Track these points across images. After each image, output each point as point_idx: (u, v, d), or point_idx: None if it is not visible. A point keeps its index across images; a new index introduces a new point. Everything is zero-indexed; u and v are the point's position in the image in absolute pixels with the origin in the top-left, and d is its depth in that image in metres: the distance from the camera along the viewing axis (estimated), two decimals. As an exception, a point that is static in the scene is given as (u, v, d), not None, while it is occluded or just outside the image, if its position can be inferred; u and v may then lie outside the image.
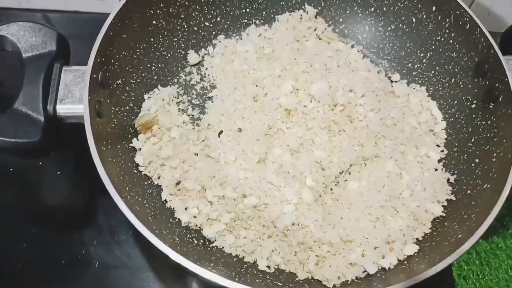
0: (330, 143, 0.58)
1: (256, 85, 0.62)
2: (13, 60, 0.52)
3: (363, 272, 0.51)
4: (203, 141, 0.60)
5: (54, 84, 0.51)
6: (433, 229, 0.54)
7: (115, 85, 0.56)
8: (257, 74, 0.63)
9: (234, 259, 0.52)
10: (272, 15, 0.70)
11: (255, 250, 0.53)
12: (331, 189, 0.57)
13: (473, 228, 0.46)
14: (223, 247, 0.53)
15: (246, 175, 0.56)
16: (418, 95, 0.65)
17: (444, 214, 0.55)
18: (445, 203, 0.56)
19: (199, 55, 0.68)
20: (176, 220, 0.54)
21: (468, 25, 0.58)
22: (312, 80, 0.60)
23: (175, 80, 0.66)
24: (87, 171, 0.58)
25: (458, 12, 0.59)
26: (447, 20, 0.61)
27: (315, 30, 0.69)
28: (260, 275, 0.51)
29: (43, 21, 0.77)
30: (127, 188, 0.50)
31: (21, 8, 0.78)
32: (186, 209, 0.55)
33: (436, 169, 0.59)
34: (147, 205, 0.52)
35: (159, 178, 0.57)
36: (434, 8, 0.62)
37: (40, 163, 0.64)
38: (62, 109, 0.50)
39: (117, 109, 0.56)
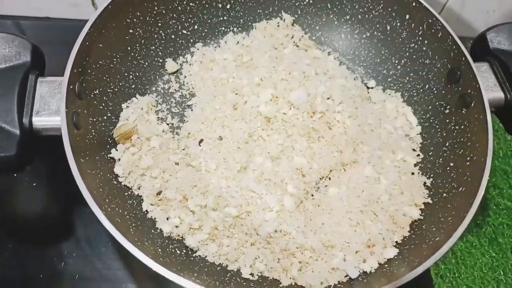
0: (309, 149, 0.58)
1: (236, 93, 0.62)
2: (-14, 72, 0.50)
3: (345, 276, 0.52)
4: (183, 149, 0.60)
5: (29, 96, 0.50)
6: (412, 232, 0.55)
7: (92, 95, 0.55)
8: (236, 82, 0.63)
9: (218, 268, 0.52)
10: (249, 23, 0.71)
11: (238, 258, 0.53)
12: (312, 195, 0.58)
13: (450, 231, 0.47)
14: (206, 256, 0.53)
15: (228, 184, 0.56)
16: (394, 101, 0.66)
17: (422, 217, 0.56)
18: (422, 206, 0.57)
19: (177, 63, 0.68)
20: (158, 230, 0.54)
21: (441, 33, 0.60)
22: (291, 88, 0.60)
23: (154, 88, 0.65)
24: (64, 182, 0.57)
25: (430, 20, 0.61)
26: (420, 28, 0.63)
27: (292, 37, 0.70)
28: (244, 283, 0.51)
29: (14, 28, 0.76)
30: (107, 200, 0.50)
31: (-9, 14, 0.76)
32: (167, 219, 0.55)
33: (412, 173, 0.61)
34: (127, 216, 0.52)
35: (139, 189, 0.56)
36: (407, 16, 0.64)
37: (15, 174, 0.62)
38: (38, 121, 0.49)
39: (94, 119, 0.55)
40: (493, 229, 0.67)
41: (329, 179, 0.59)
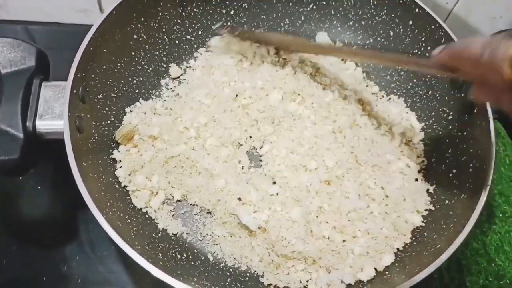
0: (323, 153, 0.59)
1: (236, 95, 0.62)
2: (-9, 76, 0.51)
3: (341, 282, 0.52)
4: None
5: (33, 100, 0.50)
6: (413, 239, 0.55)
7: (95, 100, 0.56)
8: (238, 85, 0.63)
9: (219, 272, 0.53)
10: (253, 29, 0.71)
11: (240, 262, 0.53)
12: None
13: (451, 238, 0.47)
14: (207, 259, 0.54)
15: (236, 188, 0.56)
16: (398, 107, 0.66)
17: (423, 224, 0.56)
18: (425, 213, 0.57)
19: (180, 68, 0.68)
20: (159, 235, 0.54)
21: (444, 39, 0.60)
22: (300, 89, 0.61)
23: (157, 93, 0.66)
24: (68, 185, 0.57)
25: (433, 26, 0.61)
26: (423, 34, 0.63)
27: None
28: (243, 288, 0.51)
29: (23, 33, 0.77)
30: (109, 204, 0.50)
31: (0, 19, 0.77)
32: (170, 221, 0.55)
33: (416, 179, 0.60)
34: (128, 220, 0.52)
35: (139, 191, 0.56)
36: (410, 22, 0.64)
37: (20, 178, 0.63)
38: (42, 125, 0.50)
39: (97, 123, 0.56)
40: (499, 237, 0.66)
41: (329, 184, 0.58)
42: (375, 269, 0.53)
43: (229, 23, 0.69)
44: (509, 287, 0.62)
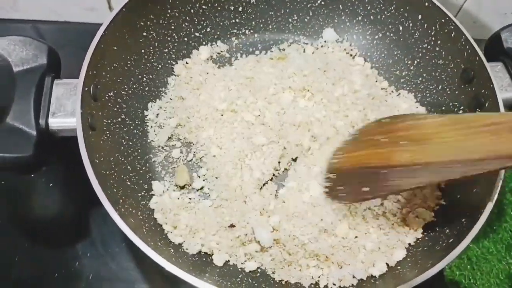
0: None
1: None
2: (4, 74, 0.51)
3: (353, 277, 0.52)
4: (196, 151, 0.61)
5: (45, 97, 0.51)
6: (424, 234, 0.55)
7: (106, 97, 0.56)
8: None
9: (231, 269, 0.53)
10: (261, 25, 0.71)
11: (250, 259, 0.54)
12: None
13: (463, 233, 0.47)
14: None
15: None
16: (408, 102, 0.66)
17: (434, 220, 0.55)
18: (436, 208, 0.56)
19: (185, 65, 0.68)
20: (171, 231, 0.55)
21: (454, 33, 0.59)
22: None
23: (166, 90, 0.66)
24: (80, 183, 0.58)
25: (443, 20, 0.60)
26: (433, 28, 0.62)
27: (301, 40, 0.71)
28: (256, 284, 0.51)
29: (33, 32, 0.77)
30: (121, 200, 0.50)
31: (10, 18, 0.78)
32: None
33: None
34: (141, 217, 0.52)
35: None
36: (420, 16, 0.63)
37: (32, 175, 0.63)
38: (54, 122, 0.50)
39: (109, 121, 0.56)
40: (510, 235, 0.66)
41: None
42: (387, 264, 0.53)
43: (237, 19, 0.70)
44: (520, 285, 0.62)
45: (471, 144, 0.42)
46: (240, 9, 0.69)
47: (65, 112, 0.50)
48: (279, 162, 0.59)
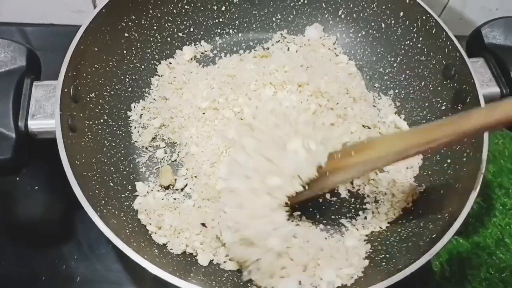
0: None
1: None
2: (-18, 77, 0.51)
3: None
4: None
5: (24, 99, 0.50)
6: (410, 230, 0.55)
7: (88, 99, 0.56)
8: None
9: (216, 268, 0.52)
10: (244, 24, 0.71)
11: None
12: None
13: (446, 227, 0.47)
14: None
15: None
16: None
17: (420, 214, 0.56)
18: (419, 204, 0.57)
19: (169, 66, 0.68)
20: (154, 232, 0.54)
21: (435, 29, 0.60)
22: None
23: (149, 91, 0.66)
24: (65, 185, 0.57)
25: (424, 17, 0.61)
26: (415, 25, 0.63)
27: (285, 38, 0.71)
28: (241, 283, 0.51)
29: (18, 35, 0.77)
30: (103, 202, 0.50)
31: (-5, 21, 0.77)
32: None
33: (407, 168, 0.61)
34: (124, 218, 0.52)
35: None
36: (401, 13, 0.64)
37: (18, 178, 0.63)
38: (34, 124, 0.50)
39: (91, 122, 0.56)
40: (500, 229, 0.66)
41: None
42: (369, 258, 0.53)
43: (220, 19, 0.70)
44: (510, 280, 0.63)
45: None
46: (223, 8, 0.69)
47: (44, 114, 0.50)
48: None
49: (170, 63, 0.67)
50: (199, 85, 0.63)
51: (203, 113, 0.60)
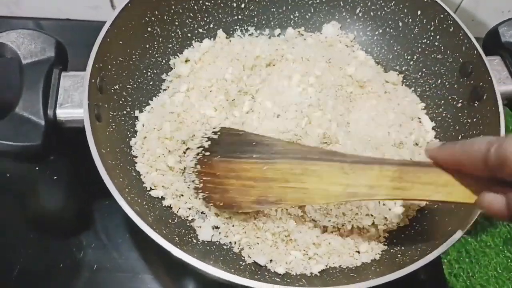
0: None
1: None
2: (13, 66, 0.53)
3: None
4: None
5: (53, 89, 0.52)
6: (425, 223, 0.56)
7: (112, 90, 0.57)
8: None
9: (234, 257, 0.54)
10: (263, 22, 0.72)
11: (254, 248, 0.54)
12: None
13: (462, 220, 0.48)
14: (223, 244, 0.55)
15: None
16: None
17: (435, 208, 0.56)
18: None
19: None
20: (176, 220, 0.55)
21: (452, 27, 0.61)
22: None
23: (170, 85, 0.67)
24: (84, 176, 0.59)
25: (442, 16, 0.62)
26: (432, 23, 0.63)
27: (302, 35, 0.72)
28: (259, 272, 0.52)
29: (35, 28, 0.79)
30: (127, 190, 0.51)
31: (12, 16, 0.79)
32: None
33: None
34: (146, 206, 0.53)
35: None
36: (419, 12, 0.64)
37: (37, 168, 0.64)
38: (62, 113, 0.51)
39: (114, 113, 0.57)
40: (508, 229, 0.67)
41: None
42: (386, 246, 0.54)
43: (239, 16, 0.71)
44: (518, 279, 0.63)
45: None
46: (243, 6, 0.70)
47: (72, 103, 0.51)
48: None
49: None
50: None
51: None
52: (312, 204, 0.53)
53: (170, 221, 0.55)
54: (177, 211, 0.56)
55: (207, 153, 0.55)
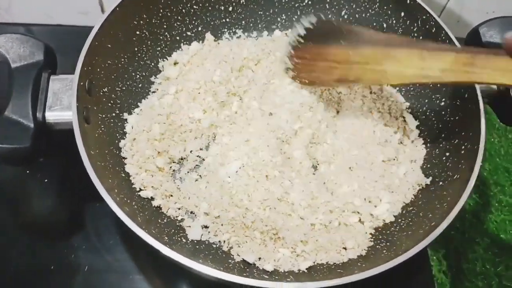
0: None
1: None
2: (2, 70, 0.53)
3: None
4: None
5: (42, 92, 0.52)
6: (409, 220, 0.57)
7: (101, 93, 0.58)
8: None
9: (223, 255, 0.54)
10: (251, 24, 0.73)
11: (243, 245, 0.55)
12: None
13: (444, 215, 0.49)
14: (212, 242, 0.56)
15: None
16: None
17: (420, 204, 0.58)
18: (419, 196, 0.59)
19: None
20: (165, 221, 0.56)
21: (434, 28, 0.62)
22: None
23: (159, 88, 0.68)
24: (74, 178, 0.60)
25: (424, 17, 0.63)
26: (415, 24, 0.65)
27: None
28: (247, 269, 0.53)
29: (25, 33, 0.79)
30: (116, 190, 0.51)
31: (3, 22, 0.80)
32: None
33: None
34: (135, 207, 0.54)
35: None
36: (402, 13, 0.66)
37: (28, 171, 0.65)
38: (51, 116, 0.52)
39: (103, 115, 0.58)
40: (495, 225, 0.68)
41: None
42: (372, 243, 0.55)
43: (227, 19, 0.72)
44: (505, 274, 0.64)
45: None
46: (230, 9, 0.71)
47: (61, 105, 0.52)
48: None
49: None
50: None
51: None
52: (387, 83, 0.62)
53: (159, 221, 0.56)
54: (167, 211, 0.57)
55: (302, 40, 0.60)
